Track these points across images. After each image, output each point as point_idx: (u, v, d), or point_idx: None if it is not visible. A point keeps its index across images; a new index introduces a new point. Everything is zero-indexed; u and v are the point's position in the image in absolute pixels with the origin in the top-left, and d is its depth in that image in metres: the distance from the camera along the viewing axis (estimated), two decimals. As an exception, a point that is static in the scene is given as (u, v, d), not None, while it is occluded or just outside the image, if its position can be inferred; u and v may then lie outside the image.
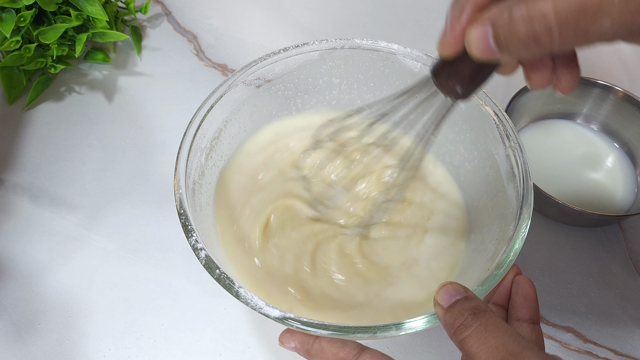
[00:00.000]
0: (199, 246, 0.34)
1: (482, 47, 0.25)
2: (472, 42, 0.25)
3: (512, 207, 0.38)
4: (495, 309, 0.37)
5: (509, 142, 0.40)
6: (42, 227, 0.52)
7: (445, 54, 0.28)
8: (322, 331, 0.31)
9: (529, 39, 0.23)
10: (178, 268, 0.50)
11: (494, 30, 0.24)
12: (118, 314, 0.47)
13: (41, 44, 0.58)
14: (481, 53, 0.25)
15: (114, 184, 0.55)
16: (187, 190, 0.37)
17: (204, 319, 0.47)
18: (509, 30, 0.23)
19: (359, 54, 0.46)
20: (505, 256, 0.34)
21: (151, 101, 0.62)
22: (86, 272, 0.50)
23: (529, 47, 0.23)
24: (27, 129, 0.59)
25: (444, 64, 0.29)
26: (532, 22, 0.22)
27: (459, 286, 0.31)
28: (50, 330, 0.46)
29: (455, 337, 0.29)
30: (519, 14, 0.22)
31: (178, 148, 0.38)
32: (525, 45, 0.23)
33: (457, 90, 0.30)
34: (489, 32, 0.24)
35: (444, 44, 0.27)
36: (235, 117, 0.45)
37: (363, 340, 0.34)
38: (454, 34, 0.26)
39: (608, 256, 0.52)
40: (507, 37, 0.23)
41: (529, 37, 0.23)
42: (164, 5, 0.71)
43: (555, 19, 0.21)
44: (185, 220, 0.35)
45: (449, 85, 0.30)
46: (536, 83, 0.29)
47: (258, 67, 0.44)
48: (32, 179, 0.55)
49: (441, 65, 0.29)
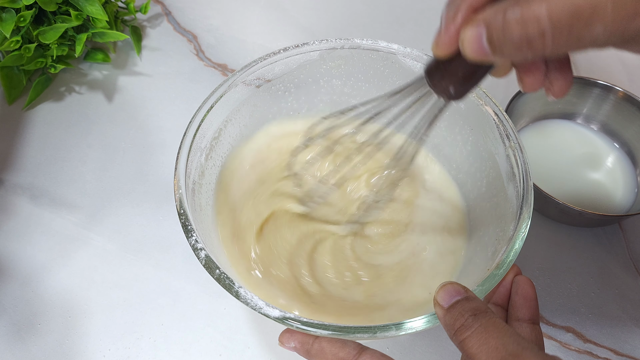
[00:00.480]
0: (199, 246, 0.34)
1: (475, 48, 0.25)
2: (465, 43, 0.25)
3: (512, 207, 0.38)
4: (495, 309, 0.37)
5: (509, 142, 0.40)
6: (42, 227, 0.52)
7: (439, 54, 0.28)
8: (322, 331, 0.31)
9: (522, 42, 0.23)
10: (178, 268, 0.50)
11: (488, 31, 0.24)
12: (118, 314, 0.47)
13: (41, 44, 0.58)
14: (474, 54, 0.25)
15: (114, 184, 0.55)
16: (187, 190, 0.37)
17: (204, 319, 0.47)
18: (502, 33, 0.23)
19: (359, 54, 0.46)
20: (505, 256, 0.34)
21: (151, 101, 0.62)
22: (86, 272, 0.50)
23: (522, 50, 0.23)
24: (27, 129, 0.59)
25: (437, 64, 0.29)
26: (526, 25, 0.22)
27: (459, 286, 0.31)
28: (50, 330, 0.46)
29: (455, 338, 0.29)
30: (513, 16, 0.22)
31: (178, 148, 0.38)
32: (518, 48, 0.23)
33: (450, 91, 0.29)
34: (482, 33, 0.24)
35: (438, 44, 0.27)
36: (235, 117, 0.45)
37: (363, 340, 0.34)
38: (448, 35, 0.26)
39: (608, 256, 0.52)
40: (500, 39, 0.23)
41: (522, 40, 0.23)
42: (164, 5, 0.71)
43: (548, 23, 0.22)
44: (185, 220, 0.35)
45: (442, 86, 0.29)
46: (529, 86, 0.29)
47: (258, 67, 0.44)
48: (32, 179, 0.55)
49: (435, 66, 0.29)
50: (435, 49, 0.28)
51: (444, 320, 0.30)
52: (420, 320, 0.32)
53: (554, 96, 0.29)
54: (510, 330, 0.28)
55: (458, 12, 0.25)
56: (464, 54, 0.26)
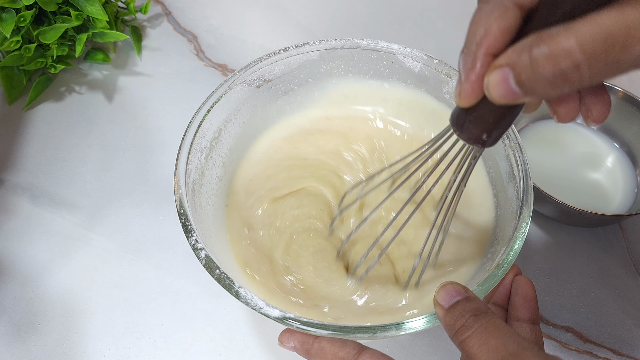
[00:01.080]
0: (199, 246, 0.34)
1: (504, 92, 0.24)
2: (492, 88, 0.24)
3: (512, 207, 0.38)
4: (494, 309, 0.37)
5: (509, 142, 0.40)
6: (42, 227, 0.52)
7: (464, 104, 0.27)
8: (322, 331, 0.31)
9: (556, 77, 0.21)
10: (178, 268, 0.50)
11: (515, 72, 0.23)
12: (118, 314, 0.47)
13: (41, 44, 0.58)
14: (504, 98, 0.24)
15: (114, 184, 0.55)
16: (187, 190, 0.37)
17: (204, 319, 0.47)
18: (532, 71, 0.22)
19: (359, 54, 0.46)
20: (505, 256, 0.34)
21: (151, 101, 0.62)
22: (86, 272, 0.50)
23: (557, 85, 0.22)
24: (27, 129, 0.59)
25: (463, 113, 0.28)
26: (557, 60, 0.21)
27: (459, 286, 0.31)
28: (50, 330, 0.46)
29: (456, 338, 0.29)
30: (540, 53, 0.21)
31: (178, 148, 0.38)
32: (553, 85, 0.22)
33: (483, 139, 0.28)
34: (509, 75, 0.23)
35: (461, 94, 0.26)
36: (235, 117, 0.45)
37: (363, 340, 0.34)
38: (470, 83, 0.25)
39: (608, 256, 0.52)
40: (530, 78, 0.22)
41: (556, 76, 0.21)
42: (164, 5, 0.71)
43: (581, 54, 0.20)
44: (185, 220, 0.35)
45: (473, 135, 0.28)
46: (564, 117, 0.28)
47: (258, 67, 0.44)
48: (32, 179, 0.55)
49: (462, 115, 0.28)
50: (459, 100, 0.27)
51: (445, 321, 0.30)
52: (420, 320, 0.32)
53: (594, 122, 0.28)
54: (510, 331, 0.28)
55: (476, 60, 0.25)
56: (492, 99, 0.25)
